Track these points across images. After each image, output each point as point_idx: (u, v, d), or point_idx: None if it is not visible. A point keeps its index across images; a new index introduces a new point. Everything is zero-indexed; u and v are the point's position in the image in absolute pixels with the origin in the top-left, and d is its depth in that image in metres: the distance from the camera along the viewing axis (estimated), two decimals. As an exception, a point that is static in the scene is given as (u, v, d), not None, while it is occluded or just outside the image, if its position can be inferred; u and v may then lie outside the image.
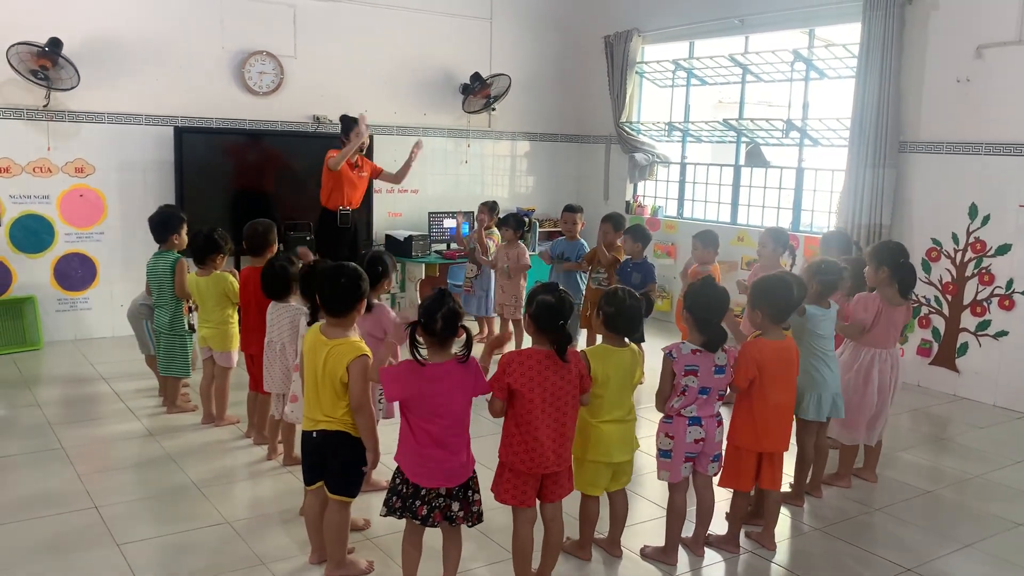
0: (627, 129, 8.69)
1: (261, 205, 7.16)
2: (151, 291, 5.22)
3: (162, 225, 5.14)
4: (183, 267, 5.07)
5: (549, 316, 3.10)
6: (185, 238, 5.17)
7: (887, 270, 4.32)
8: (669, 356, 3.47)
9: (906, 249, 4.46)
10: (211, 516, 3.88)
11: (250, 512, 3.97)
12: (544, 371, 3.09)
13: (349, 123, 6.78)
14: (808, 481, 4.30)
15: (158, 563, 3.47)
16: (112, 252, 7.04)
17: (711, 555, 3.69)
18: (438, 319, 2.95)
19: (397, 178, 7.24)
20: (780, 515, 3.91)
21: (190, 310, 5.15)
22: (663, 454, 3.55)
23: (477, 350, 3.10)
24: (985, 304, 6.08)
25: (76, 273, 6.95)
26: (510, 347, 6.85)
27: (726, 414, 3.65)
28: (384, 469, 3.91)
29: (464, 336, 3.00)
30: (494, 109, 8.60)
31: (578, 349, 3.32)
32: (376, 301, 3.86)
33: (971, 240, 6.14)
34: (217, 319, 4.96)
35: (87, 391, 5.75)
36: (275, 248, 4.89)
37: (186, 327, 5.16)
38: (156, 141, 7.03)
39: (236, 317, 5.02)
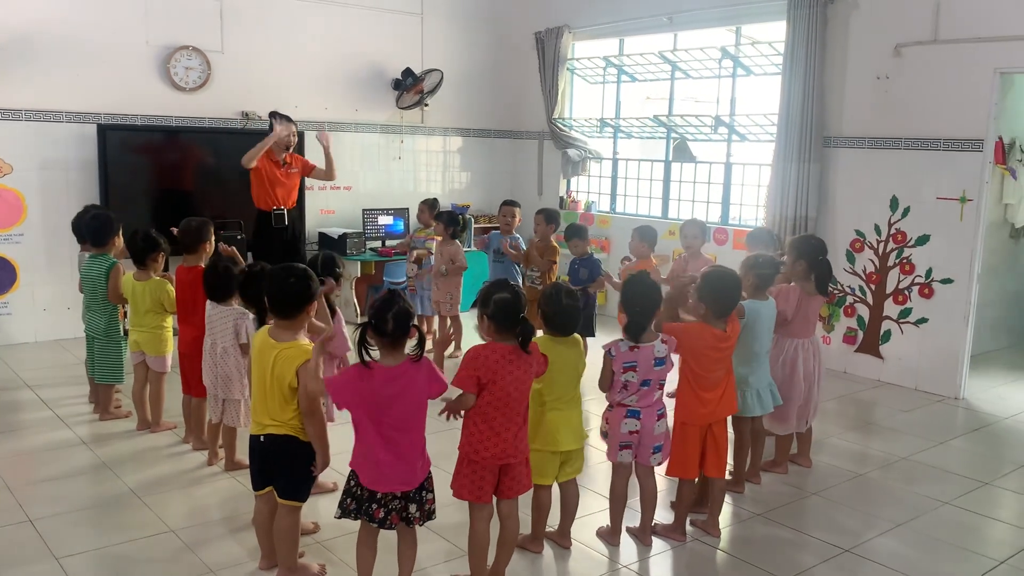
0: (560, 125, 8.76)
1: (189, 204, 6.99)
2: (84, 293, 5.05)
3: (102, 229, 4.97)
4: (119, 272, 4.92)
5: (509, 313, 3.13)
6: (121, 240, 5.02)
7: (804, 264, 4.48)
8: (608, 354, 3.57)
9: (826, 246, 4.62)
10: (154, 525, 3.79)
11: (194, 519, 3.88)
12: (507, 365, 3.12)
13: (273, 119, 6.67)
14: (747, 468, 4.43)
15: (102, 576, 3.38)
16: (34, 254, 6.78)
17: (658, 543, 3.78)
18: (389, 319, 2.91)
19: (328, 174, 7.08)
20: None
21: (125, 315, 5.01)
22: (603, 435, 3.68)
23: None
24: (906, 292, 6.35)
25: (-6, 277, 6.68)
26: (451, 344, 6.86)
27: (671, 406, 3.75)
28: (330, 472, 3.89)
29: (416, 336, 3.00)
30: (427, 105, 8.56)
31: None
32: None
33: (892, 231, 6.39)
34: (151, 323, 4.83)
35: (11, 399, 5.52)
36: (210, 245, 4.79)
37: (121, 332, 5.01)
38: (78, 139, 6.79)
39: (170, 322, 4.91)
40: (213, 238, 4.80)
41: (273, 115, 6.73)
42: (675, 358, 3.68)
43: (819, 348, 4.64)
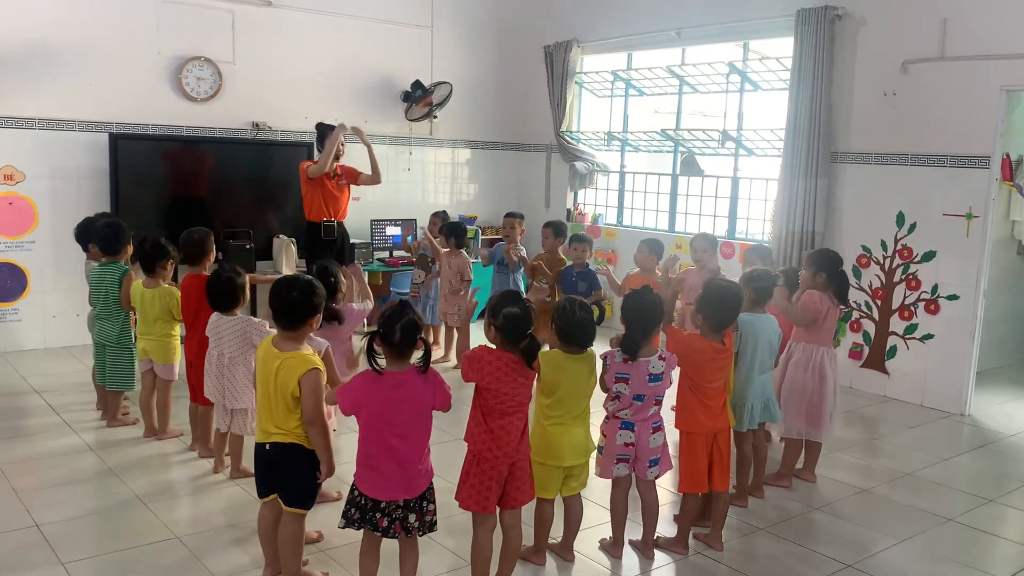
0: (567, 138, 8.80)
1: (199, 213, 7.05)
2: (93, 302, 5.09)
3: (114, 237, 5.01)
4: (131, 279, 4.96)
5: (518, 327, 3.16)
6: (131, 248, 5.07)
7: (824, 276, 4.52)
8: (604, 363, 3.59)
9: (842, 258, 4.65)
10: (159, 532, 3.81)
11: (200, 527, 3.90)
12: (511, 373, 3.15)
13: (324, 131, 6.71)
14: (750, 482, 4.44)
15: (107, 581, 3.40)
16: (44, 262, 6.83)
17: (661, 557, 3.78)
18: (397, 330, 2.95)
19: (375, 178, 6.93)
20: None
21: (135, 322, 5.05)
22: (599, 450, 3.67)
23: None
24: (912, 308, 6.35)
25: (5, 284, 6.71)
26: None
27: (671, 419, 3.77)
28: (335, 481, 3.92)
29: (423, 348, 3.02)
30: (436, 117, 8.61)
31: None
32: (353, 305, 3.89)
33: (899, 247, 6.40)
34: (159, 331, 4.87)
35: (20, 405, 5.57)
36: (212, 256, 4.83)
37: (133, 339, 5.05)
38: (90, 148, 6.85)
39: (178, 330, 4.94)
40: (215, 249, 4.86)
41: (320, 126, 6.78)
42: (674, 375, 3.69)
43: (835, 358, 4.66)
